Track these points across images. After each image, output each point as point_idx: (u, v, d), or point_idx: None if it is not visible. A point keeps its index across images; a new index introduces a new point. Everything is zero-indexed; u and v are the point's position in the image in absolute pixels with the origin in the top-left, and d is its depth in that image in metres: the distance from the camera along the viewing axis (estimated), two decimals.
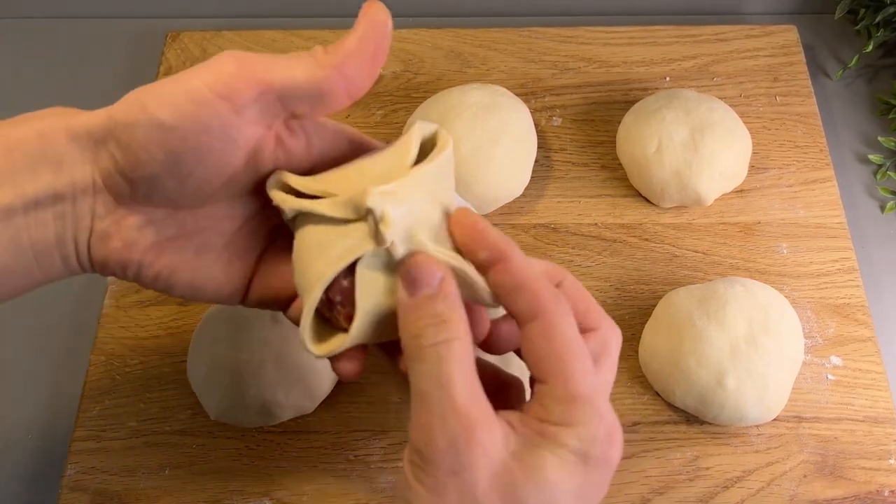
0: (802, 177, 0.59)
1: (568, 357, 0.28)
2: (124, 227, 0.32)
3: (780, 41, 0.65)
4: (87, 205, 0.31)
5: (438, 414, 0.27)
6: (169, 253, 0.33)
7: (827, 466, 0.48)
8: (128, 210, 0.32)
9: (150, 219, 0.32)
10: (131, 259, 0.32)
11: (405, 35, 0.66)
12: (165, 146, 0.29)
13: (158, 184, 0.30)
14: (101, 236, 0.32)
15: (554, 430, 0.28)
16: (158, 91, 0.30)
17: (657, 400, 0.51)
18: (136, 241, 0.32)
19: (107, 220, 0.32)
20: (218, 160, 0.31)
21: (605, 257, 0.56)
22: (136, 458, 0.49)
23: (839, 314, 0.53)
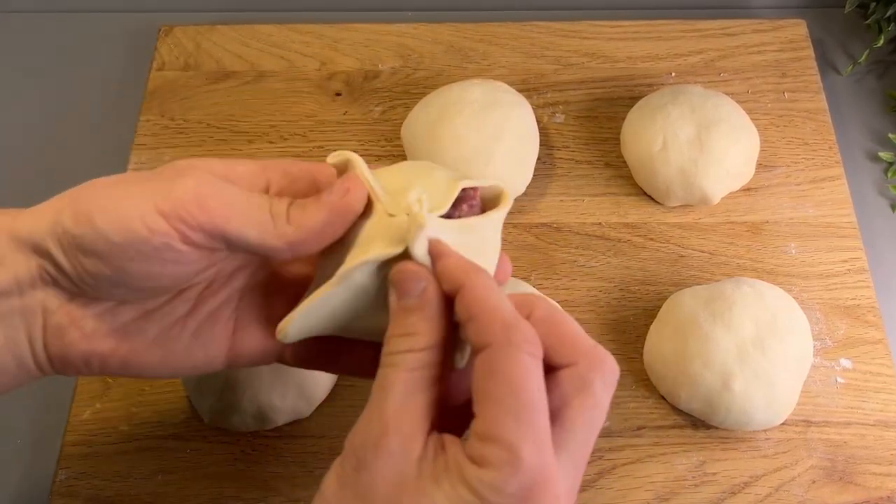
0: (811, 175, 0.59)
1: (496, 394, 0.27)
2: (79, 317, 0.32)
3: (788, 35, 0.65)
4: (36, 299, 0.31)
5: (368, 415, 0.28)
6: (132, 336, 0.33)
7: (836, 472, 0.48)
8: (82, 301, 0.32)
9: (106, 308, 0.32)
10: (93, 350, 0.32)
11: (404, 29, 0.66)
12: (112, 262, 0.30)
13: (105, 291, 0.31)
14: (57, 331, 0.31)
15: (463, 464, 0.26)
16: (111, 204, 0.30)
17: (662, 403, 0.51)
18: (94, 330, 0.32)
19: (60, 314, 0.31)
20: (167, 280, 0.31)
21: (609, 257, 0.56)
22: (128, 464, 0.49)
23: (849, 316, 0.53)
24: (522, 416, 0.26)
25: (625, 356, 0.52)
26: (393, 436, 0.27)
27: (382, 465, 0.27)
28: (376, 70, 0.64)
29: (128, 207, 0.30)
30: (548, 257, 0.56)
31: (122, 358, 0.33)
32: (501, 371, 0.27)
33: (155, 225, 0.29)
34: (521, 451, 0.26)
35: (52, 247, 0.30)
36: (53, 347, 0.32)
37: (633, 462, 0.49)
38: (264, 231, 0.31)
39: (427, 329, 0.29)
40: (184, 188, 0.30)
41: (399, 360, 0.28)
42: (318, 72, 0.64)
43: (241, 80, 0.64)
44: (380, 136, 0.61)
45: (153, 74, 0.64)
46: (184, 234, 0.30)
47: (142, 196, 0.30)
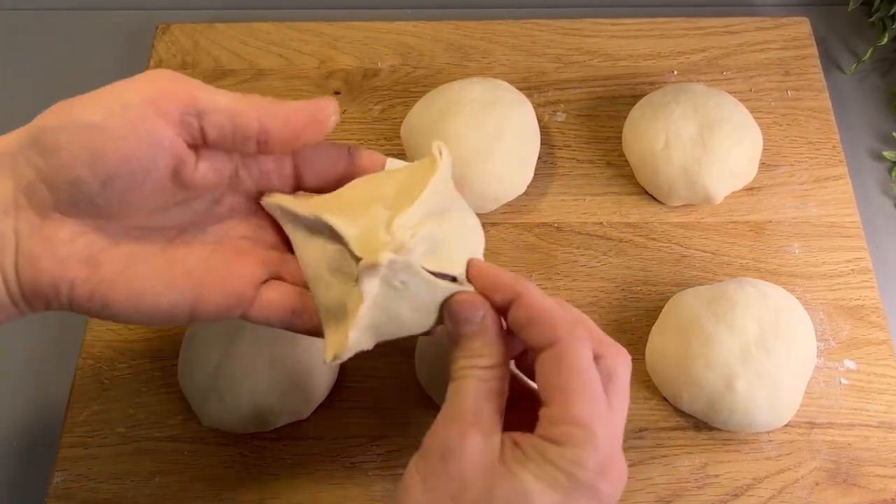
0: (815, 174, 0.59)
1: (572, 380, 0.31)
2: (53, 242, 0.32)
3: (791, 33, 0.65)
4: (8, 225, 0.31)
5: (447, 417, 0.32)
6: (102, 266, 0.33)
7: (840, 474, 0.48)
8: (55, 224, 0.32)
9: (80, 230, 0.33)
10: (63, 277, 0.32)
11: (403, 27, 0.66)
12: (89, 145, 0.31)
13: (82, 187, 0.31)
14: (29, 256, 0.32)
15: (544, 446, 0.30)
16: (87, 98, 0.31)
17: (664, 405, 0.51)
18: (67, 255, 0.32)
19: (33, 239, 0.32)
20: (143, 163, 0.32)
21: (611, 257, 0.56)
22: (125, 466, 0.49)
23: (853, 316, 0.53)
24: (595, 400, 0.31)
25: None
26: (475, 429, 0.31)
27: (470, 454, 0.31)
28: (375, 68, 0.64)
29: (103, 94, 0.31)
30: (549, 257, 0.56)
31: (91, 288, 0.33)
32: (571, 361, 0.31)
33: (129, 99, 0.31)
34: (597, 430, 0.30)
35: (29, 149, 0.31)
36: (25, 275, 0.32)
37: (634, 464, 0.49)
38: (235, 100, 0.32)
39: (491, 351, 0.33)
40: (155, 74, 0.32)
41: (470, 373, 0.33)
42: (316, 70, 0.64)
43: (240, 78, 0.64)
44: (379, 135, 0.61)
45: None
46: (158, 106, 0.31)
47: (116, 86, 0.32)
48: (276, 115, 0.33)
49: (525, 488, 0.30)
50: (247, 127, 0.33)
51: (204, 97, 0.32)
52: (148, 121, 0.31)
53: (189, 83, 0.32)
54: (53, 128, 0.31)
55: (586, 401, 0.31)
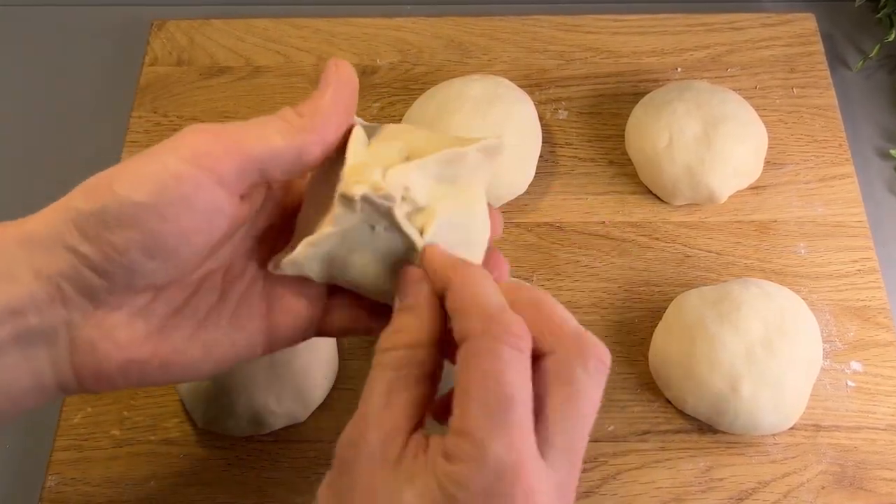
0: (821, 173, 0.59)
1: (470, 387, 0.26)
2: (110, 326, 0.30)
3: (797, 30, 0.65)
4: (57, 316, 0.29)
5: (354, 417, 0.29)
6: (169, 335, 0.31)
7: (846, 477, 0.48)
8: (108, 308, 0.30)
9: (136, 309, 0.30)
10: (130, 359, 0.30)
11: (402, 24, 0.66)
12: (143, 227, 0.28)
13: (138, 270, 0.29)
14: (85, 347, 0.30)
15: (436, 460, 0.26)
16: (126, 170, 0.28)
17: (668, 407, 0.51)
18: (128, 337, 0.30)
19: (87, 327, 0.29)
20: (202, 236, 0.30)
21: (614, 257, 0.56)
22: (119, 469, 0.49)
23: (859, 317, 0.53)
24: (494, 409, 0.26)
25: (629, 359, 0.52)
26: (372, 435, 0.27)
27: (362, 466, 0.27)
28: (374, 65, 0.64)
29: (146, 165, 0.28)
30: (550, 257, 0.56)
31: (162, 361, 0.31)
32: (476, 363, 0.27)
33: (180, 169, 0.28)
34: (489, 446, 0.25)
35: (70, 235, 0.28)
36: (84, 365, 0.30)
37: (637, 467, 0.49)
38: (286, 132, 0.30)
39: (415, 326, 0.29)
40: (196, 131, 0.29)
41: (385, 358, 0.29)
42: (314, 67, 0.64)
43: (236, 75, 0.64)
44: None
45: (145, 70, 0.64)
46: (211, 168, 0.28)
47: (159, 154, 0.28)
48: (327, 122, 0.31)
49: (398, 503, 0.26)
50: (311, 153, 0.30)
51: (258, 148, 0.29)
52: (207, 191, 0.28)
53: (234, 135, 0.29)
54: (97, 211, 0.28)
55: (483, 410, 0.26)
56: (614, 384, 0.51)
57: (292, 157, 0.30)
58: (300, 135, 0.30)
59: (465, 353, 0.27)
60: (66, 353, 0.30)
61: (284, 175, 0.31)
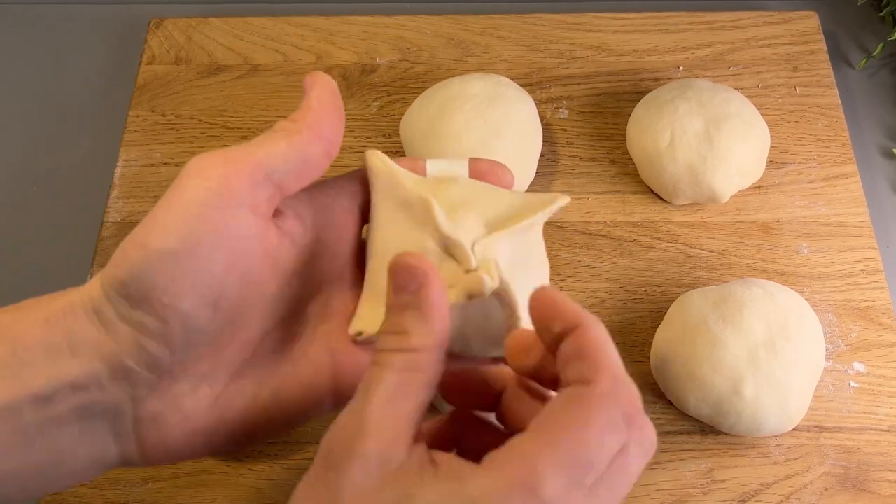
0: (824, 172, 0.59)
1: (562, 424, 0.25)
2: (173, 396, 0.29)
3: (800, 28, 0.65)
4: (120, 390, 0.28)
5: (347, 415, 0.27)
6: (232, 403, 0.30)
7: (849, 479, 0.48)
8: (171, 378, 0.29)
9: (199, 376, 0.30)
10: (196, 430, 0.30)
11: (402, 22, 0.66)
12: (183, 275, 0.27)
13: (192, 321, 0.28)
14: (151, 420, 0.29)
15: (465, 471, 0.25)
16: (151, 224, 0.28)
17: (670, 409, 0.51)
18: (193, 408, 0.30)
19: (151, 400, 0.29)
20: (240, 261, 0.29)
21: (615, 258, 0.56)
22: (117, 471, 0.49)
23: (863, 318, 0.53)
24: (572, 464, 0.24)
25: (631, 359, 0.52)
26: (371, 439, 0.26)
27: (355, 470, 0.25)
28: (374, 64, 0.64)
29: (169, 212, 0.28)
30: (551, 257, 0.55)
31: (229, 429, 0.30)
32: (585, 413, 0.25)
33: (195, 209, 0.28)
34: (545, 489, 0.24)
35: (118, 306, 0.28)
36: (149, 438, 0.29)
37: None
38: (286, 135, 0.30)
39: (421, 330, 0.27)
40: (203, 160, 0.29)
41: (389, 358, 0.27)
42: (313, 65, 0.64)
43: (234, 74, 0.64)
44: (377, 131, 0.61)
45: (143, 68, 0.64)
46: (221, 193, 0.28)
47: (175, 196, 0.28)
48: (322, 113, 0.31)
49: None
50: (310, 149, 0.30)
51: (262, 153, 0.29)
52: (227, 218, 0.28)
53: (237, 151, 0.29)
54: (136, 272, 0.27)
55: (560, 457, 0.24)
56: None
57: (297, 159, 0.30)
58: (298, 135, 0.30)
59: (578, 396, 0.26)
60: (130, 427, 0.29)
61: (296, 180, 0.30)
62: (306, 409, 0.32)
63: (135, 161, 0.60)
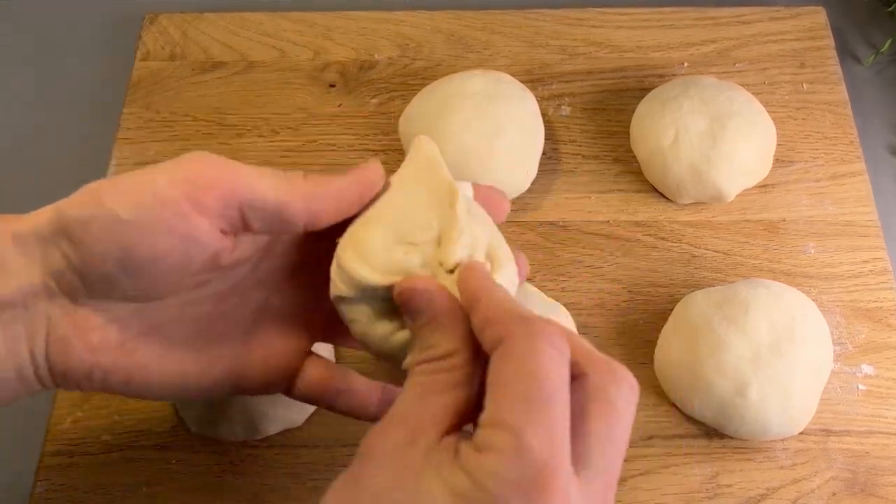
0: (831, 171, 0.59)
1: (506, 379, 0.26)
2: (85, 328, 0.32)
3: (806, 24, 0.65)
4: (40, 310, 0.31)
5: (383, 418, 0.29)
6: (137, 351, 0.33)
7: (858, 483, 0.48)
8: (87, 310, 0.32)
9: (113, 316, 0.32)
10: (97, 363, 0.32)
11: (401, 17, 0.66)
12: (120, 242, 0.30)
13: (113, 281, 0.31)
14: (61, 342, 0.32)
15: (465, 453, 0.26)
16: (118, 185, 0.30)
17: (674, 412, 0.51)
18: (99, 342, 0.32)
19: (64, 324, 0.31)
20: (175, 261, 0.31)
21: (618, 257, 0.56)
22: (110, 475, 0.49)
23: (871, 319, 0.53)
24: (534, 400, 0.25)
25: (634, 362, 0.52)
26: (398, 428, 0.27)
27: (384, 455, 0.27)
28: (372, 60, 0.64)
29: (135, 182, 0.30)
30: (553, 257, 0.56)
31: (125, 374, 0.33)
32: (516, 358, 0.26)
33: (166, 193, 0.30)
34: (527, 436, 0.25)
35: (58, 237, 0.30)
36: (56, 360, 0.32)
37: (643, 473, 0.49)
38: (279, 187, 0.31)
39: (443, 339, 0.29)
40: (194, 158, 0.31)
41: (418, 369, 0.29)
42: (311, 62, 0.64)
43: (230, 70, 0.64)
44: (376, 129, 0.61)
45: (137, 65, 0.64)
46: (196, 201, 0.30)
47: (150, 173, 0.30)
48: (325, 197, 0.32)
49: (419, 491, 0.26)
50: (294, 217, 0.32)
51: (246, 188, 0.31)
52: (185, 218, 0.30)
53: (229, 169, 0.31)
54: (83, 219, 0.30)
55: (521, 400, 0.25)
56: None
57: (273, 210, 0.31)
58: (289, 196, 0.31)
59: (502, 354, 0.27)
60: (43, 346, 0.32)
61: (263, 226, 0.32)
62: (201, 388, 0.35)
63: (129, 159, 0.60)
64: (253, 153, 0.60)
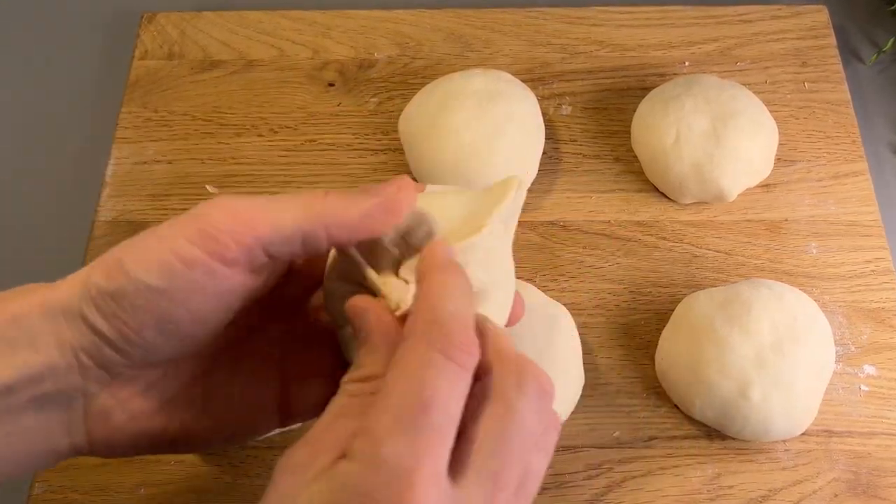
0: (833, 170, 0.59)
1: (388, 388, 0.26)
2: (124, 397, 0.31)
3: (809, 22, 0.65)
4: (75, 385, 0.30)
5: None
6: (180, 410, 0.32)
7: (860, 485, 0.48)
8: (124, 379, 0.31)
9: (151, 381, 0.32)
10: (140, 432, 0.32)
11: (401, 16, 0.66)
12: (154, 311, 0.29)
13: (151, 348, 0.30)
14: (100, 415, 0.31)
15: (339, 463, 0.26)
16: (140, 250, 0.29)
17: (675, 413, 0.51)
18: (141, 409, 0.32)
19: (103, 396, 0.31)
20: (212, 315, 0.31)
21: (619, 258, 0.56)
22: (109, 476, 0.49)
23: (873, 319, 0.53)
24: (404, 410, 0.25)
25: (635, 362, 0.52)
26: (303, 447, 0.27)
27: (282, 472, 0.27)
28: (372, 59, 0.64)
29: (157, 247, 0.29)
30: (554, 257, 0.56)
31: (173, 435, 0.32)
32: (403, 364, 0.26)
33: (189, 254, 0.29)
34: (384, 444, 0.24)
35: (89, 311, 0.29)
36: (98, 433, 0.31)
37: (644, 475, 0.49)
38: (297, 218, 0.30)
39: (370, 361, 0.29)
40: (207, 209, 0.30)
41: (344, 388, 0.29)
42: (310, 61, 0.64)
43: (229, 69, 0.64)
44: (376, 128, 0.61)
45: (135, 63, 0.64)
46: (219, 254, 0.29)
47: (169, 232, 0.29)
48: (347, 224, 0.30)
49: None
50: (317, 244, 0.30)
51: (267, 228, 0.29)
52: (214, 275, 0.29)
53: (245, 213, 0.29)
54: (112, 292, 0.29)
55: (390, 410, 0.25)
56: (620, 388, 0.51)
57: (297, 243, 0.30)
58: (310, 223, 0.30)
59: (397, 356, 0.26)
60: (80, 420, 0.31)
61: (286, 256, 0.31)
62: (252, 428, 0.34)
63: (127, 159, 0.60)
64: (251, 152, 0.60)
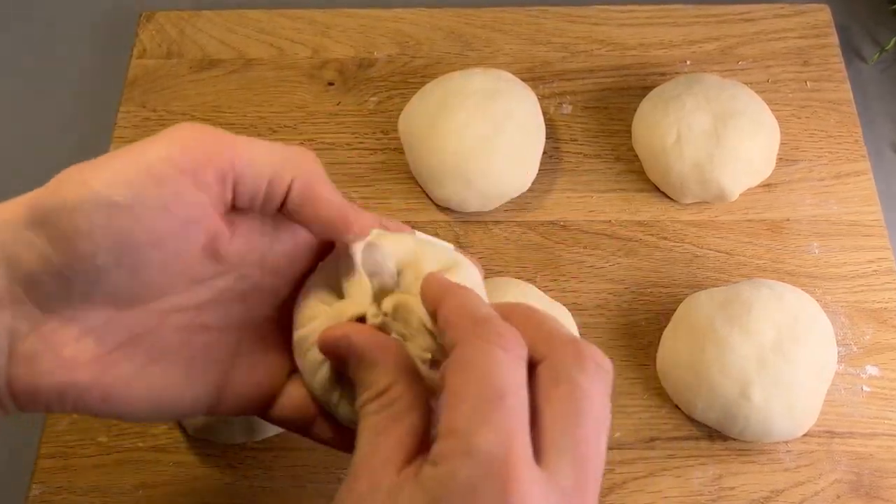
0: (835, 169, 0.59)
1: (456, 386, 0.26)
2: (56, 341, 0.28)
3: (811, 21, 0.65)
4: (2, 320, 0.27)
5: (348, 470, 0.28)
6: (116, 365, 0.30)
7: (862, 486, 0.48)
8: (59, 320, 0.28)
9: (89, 326, 0.29)
10: (70, 382, 0.28)
11: (401, 14, 0.66)
12: (114, 231, 0.27)
13: (103, 277, 0.28)
14: (26, 359, 0.28)
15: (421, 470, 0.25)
16: (104, 166, 0.27)
17: (676, 413, 0.51)
18: (73, 357, 0.28)
19: (31, 338, 0.28)
20: (177, 244, 0.29)
21: (620, 258, 0.56)
22: (107, 478, 0.49)
23: (875, 320, 0.53)
24: (482, 403, 0.25)
25: (636, 363, 0.52)
26: (358, 479, 0.27)
27: None
28: (371, 58, 0.64)
29: (124, 162, 0.27)
30: (554, 257, 0.56)
31: (104, 391, 0.29)
32: (465, 363, 0.26)
33: (160, 171, 0.27)
34: (475, 436, 0.24)
35: (33, 234, 0.27)
36: (21, 379, 0.28)
37: (645, 476, 0.49)
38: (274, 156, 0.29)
39: (376, 376, 0.29)
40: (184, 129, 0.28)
41: (363, 411, 0.29)
42: (309, 60, 0.64)
43: (228, 68, 0.64)
44: (375, 128, 0.61)
45: (134, 63, 0.64)
46: (192, 172, 0.27)
47: (140, 150, 0.27)
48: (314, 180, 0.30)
49: None
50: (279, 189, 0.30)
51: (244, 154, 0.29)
52: (185, 196, 0.27)
53: (226, 136, 0.29)
54: (68, 208, 0.26)
55: (469, 404, 0.25)
56: (620, 389, 0.51)
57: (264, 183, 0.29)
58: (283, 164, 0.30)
59: (454, 360, 0.26)
60: (4, 364, 0.28)
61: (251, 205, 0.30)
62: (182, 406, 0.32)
63: None
64: None
